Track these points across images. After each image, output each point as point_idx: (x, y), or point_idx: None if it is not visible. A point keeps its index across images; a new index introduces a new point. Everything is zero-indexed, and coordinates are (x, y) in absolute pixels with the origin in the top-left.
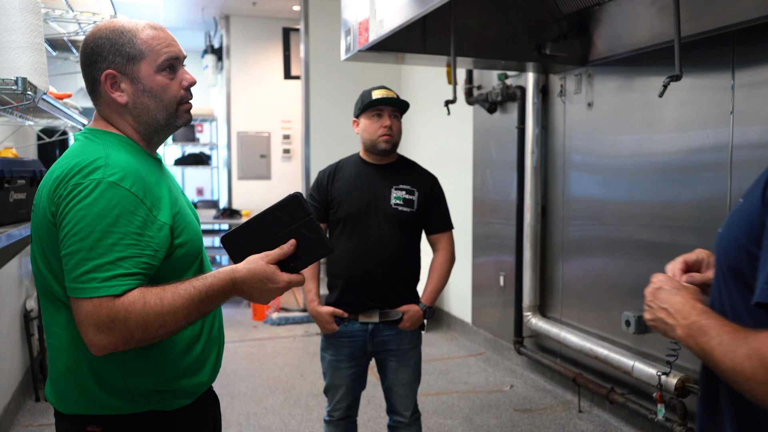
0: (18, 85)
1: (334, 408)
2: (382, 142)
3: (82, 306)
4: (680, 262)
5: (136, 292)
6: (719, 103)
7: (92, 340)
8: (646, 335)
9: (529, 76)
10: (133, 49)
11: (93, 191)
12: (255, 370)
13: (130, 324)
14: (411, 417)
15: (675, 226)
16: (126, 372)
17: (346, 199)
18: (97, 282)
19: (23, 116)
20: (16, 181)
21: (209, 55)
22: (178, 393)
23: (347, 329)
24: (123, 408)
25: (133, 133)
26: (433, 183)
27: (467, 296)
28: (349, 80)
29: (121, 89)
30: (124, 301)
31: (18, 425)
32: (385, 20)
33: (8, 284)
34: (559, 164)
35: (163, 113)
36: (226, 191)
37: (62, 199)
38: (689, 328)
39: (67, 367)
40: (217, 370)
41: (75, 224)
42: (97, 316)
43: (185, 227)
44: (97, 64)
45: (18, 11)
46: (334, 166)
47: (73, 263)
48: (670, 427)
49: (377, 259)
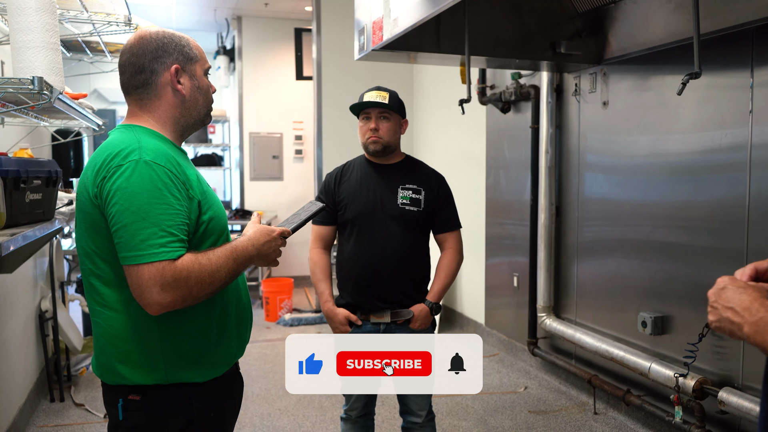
0: (34, 84)
1: (351, 407)
2: (370, 144)
3: (144, 270)
4: (750, 268)
5: (189, 255)
6: (738, 102)
7: (156, 300)
8: (662, 336)
9: (543, 75)
10: (191, 51)
11: (134, 170)
12: (268, 371)
13: (191, 282)
14: (425, 418)
15: (691, 227)
16: (161, 340)
17: (353, 201)
18: (155, 248)
19: (38, 117)
20: (32, 182)
21: (221, 56)
22: (209, 363)
23: (359, 330)
24: (159, 377)
25: (163, 128)
26: (440, 182)
27: (480, 297)
28: (361, 80)
29: (181, 83)
30: (183, 263)
31: (33, 426)
32: (400, 19)
33: (24, 285)
34: (573, 164)
35: (204, 109)
36: (238, 192)
37: (105, 181)
38: (758, 324)
39: (112, 344)
40: (244, 345)
41: (124, 200)
42: (162, 277)
43: (212, 205)
44: (162, 58)
45: (34, 11)
46: (341, 168)
47: (129, 234)
48: (687, 430)
49: (385, 259)
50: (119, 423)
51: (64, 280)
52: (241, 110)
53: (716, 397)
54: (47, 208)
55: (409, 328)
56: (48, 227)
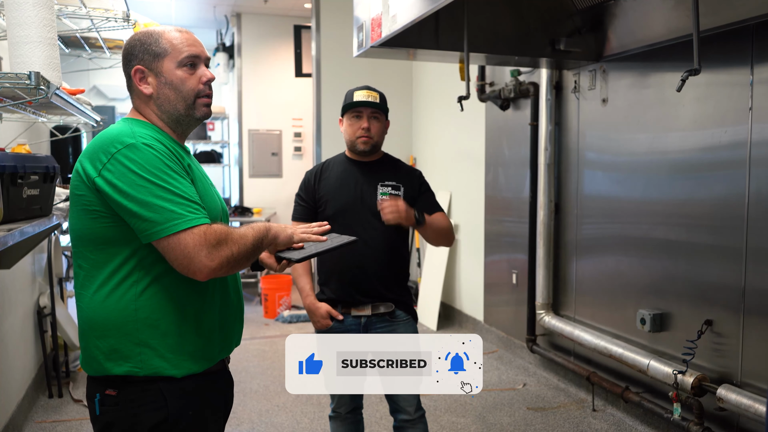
0: (31, 79)
1: (338, 403)
2: (360, 143)
3: (187, 237)
4: None
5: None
6: (737, 100)
7: (205, 263)
8: (661, 333)
9: (543, 72)
10: (158, 48)
11: (134, 152)
12: (267, 368)
13: (230, 241)
14: (415, 414)
15: (690, 224)
16: (137, 324)
17: (334, 197)
18: (191, 214)
19: (36, 113)
20: (30, 177)
21: (221, 53)
22: (188, 356)
23: (340, 324)
24: (135, 365)
25: (159, 122)
26: (418, 178)
27: (479, 294)
28: (360, 78)
29: (148, 82)
30: (218, 225)
31: (31, 421)
32: (398, 16)
33: (22, 281)
34: (572, 161)
35: (182, 104)
36: (237, 189)
37: (106, 164)
38: None
39: (90, 328)
40: (230, 344)
41: (135, 179)
42: (207, 239)
43: (203, 197)
44: (130, 62)
45: (31, 6)
46: (321, 165)
47: (154, 210)
48: (686, 427)
49: (367, 254)
50: (96, 418)
51: (63, 276)
52: (240, 107)
53: (715, 394)
54: (45, 203)
55: (390, 321)
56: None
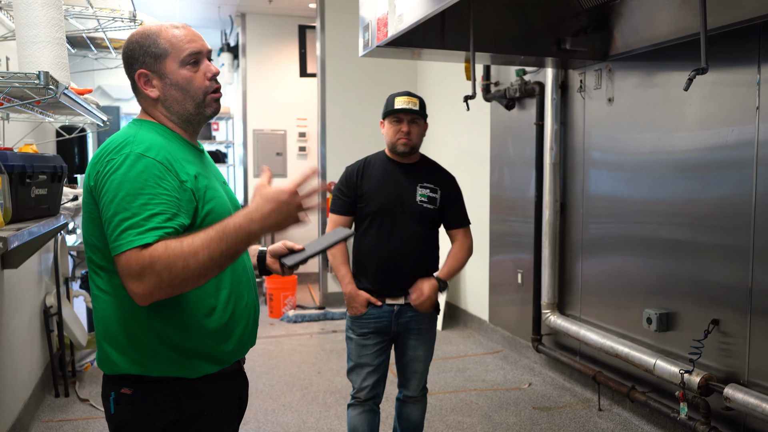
0: (40, 79)
1: (359, 389)
2: (400, 145)
3: (120, 260)
4: None
5: (161, 241)
6: (744, 99)
7: (132, 290)
8: (667, 333)
9: (548, 71)
10: (158, 49)
11: (124, 163)
12: (272, 368)
13: (157, 268)
14: (420, 392)
15: (696, 224)
16: (148, 329)
17: (376, 194)
18: (132, 236)
19: (43, 112)
20: (38, 177)
21: (225, 53)
22: (200, 356)
23: (375, 310)
24: (148, 367)
25: (168, 123)
26: (453, 183)
27: (484, 294)
28: (365, 78)
29: (153, 85)
30: (149, 249)
31: (38, 420)
32: (405, 15)
33: (29, 280)
34: (578, 161)
35: (192, 103)
36: (242, 189)
37: (100, 174)
38: None
39: (104, 328)
40: (244, 345)
41: (112, 192)
42: (129, 267)
43: (212, 198)
44: (132, 66)
45: (40, 6)
46: (363, 162)
47: (114, 225)
48: (692, 426)
49: (404, 251)
50: (111, 417)
51: (69, 275)
52: (244, 107)
53: (722, 393)
54: (53, 203)
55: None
56: (53, 222)
